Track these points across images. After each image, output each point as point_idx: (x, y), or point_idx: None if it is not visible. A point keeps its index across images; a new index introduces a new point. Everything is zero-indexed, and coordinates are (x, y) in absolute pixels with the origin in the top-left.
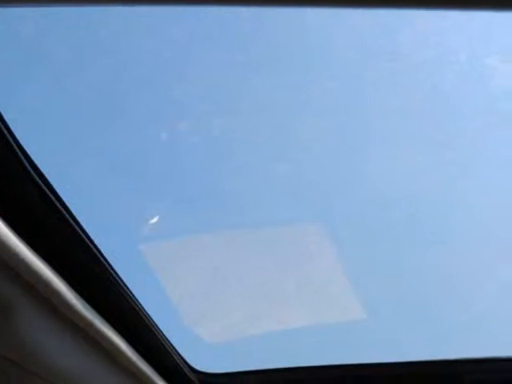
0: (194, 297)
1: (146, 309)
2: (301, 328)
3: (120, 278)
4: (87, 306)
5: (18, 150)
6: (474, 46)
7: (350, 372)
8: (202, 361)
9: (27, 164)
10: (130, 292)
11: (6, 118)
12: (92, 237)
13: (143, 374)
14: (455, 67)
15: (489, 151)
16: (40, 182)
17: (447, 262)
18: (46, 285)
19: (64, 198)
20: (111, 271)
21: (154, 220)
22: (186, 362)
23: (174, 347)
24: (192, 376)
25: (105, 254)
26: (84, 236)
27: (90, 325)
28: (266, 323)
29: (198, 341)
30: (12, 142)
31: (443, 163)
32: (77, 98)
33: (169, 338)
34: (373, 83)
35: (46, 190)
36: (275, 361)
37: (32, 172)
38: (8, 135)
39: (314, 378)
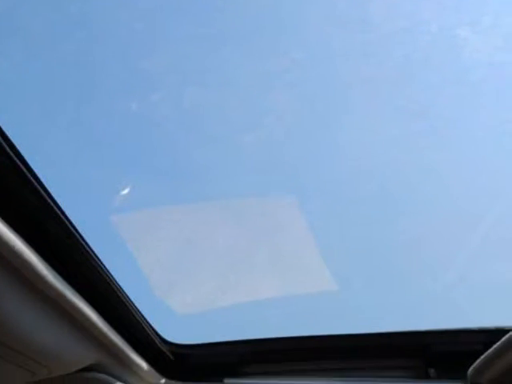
0: (164, 268)
1: (117, 280)
2: (272, 299)
3: (91, 249)
4: (58, 277)
5: None
6: (446, 17)
7: (320, 343)
8: (173, 332)
9: None
10: (101, 263)
11: None
12: (63, 208)
13: (114, 345)
14: (427, 37)
15: (460, 122)
16: (11, 153)
17: (418, 232)
18: (17, 256)
19: (35, 170)
20: (82, 242)
21: (125, 191)
22: (157, 333)
23: (145, 318)
24: (163, 347)
25: (76, 225)
26: (55, 207)
27: (61, 296)
28: (237, 294)
29: (169, 312)
30: None
31: (415, 133)
32: (49, 70)
33: (140, 310)
34: (344, 53)
35: (18, 161)
36: (246, 332)
37: (3, 143)
38: None
39: (284, 349)
